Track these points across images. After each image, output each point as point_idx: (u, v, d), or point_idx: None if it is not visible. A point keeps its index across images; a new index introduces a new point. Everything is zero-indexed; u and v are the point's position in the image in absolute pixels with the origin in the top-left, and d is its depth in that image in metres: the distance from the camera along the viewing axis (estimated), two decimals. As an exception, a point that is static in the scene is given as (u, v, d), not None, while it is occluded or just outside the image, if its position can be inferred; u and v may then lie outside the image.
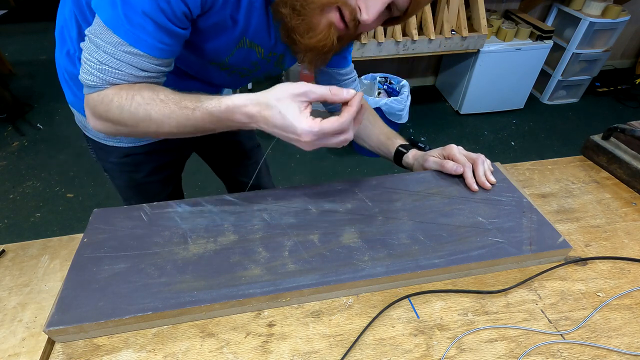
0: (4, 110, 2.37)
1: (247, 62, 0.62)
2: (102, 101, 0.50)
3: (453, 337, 0.47)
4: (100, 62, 0.48)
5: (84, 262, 0.52)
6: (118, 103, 0.50)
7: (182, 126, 0.51)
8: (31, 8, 3.94)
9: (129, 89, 0.50)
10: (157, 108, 0.50)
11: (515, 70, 2.33)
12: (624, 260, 0.57)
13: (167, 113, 0.50)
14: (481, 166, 0.64)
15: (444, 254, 0.54)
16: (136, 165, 0.79)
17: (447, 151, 0.68)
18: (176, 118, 0.50)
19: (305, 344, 0.47)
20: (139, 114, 0.50)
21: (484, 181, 0.64)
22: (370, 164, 2.15)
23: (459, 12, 2.04)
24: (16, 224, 1.75)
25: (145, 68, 0.50)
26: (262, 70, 0.66)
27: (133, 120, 0.51)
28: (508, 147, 2.30)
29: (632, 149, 0.72)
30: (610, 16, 2.22)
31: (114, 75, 0.49)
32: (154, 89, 0.51)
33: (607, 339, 0.47)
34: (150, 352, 0.46)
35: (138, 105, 0.49)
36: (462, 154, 0.67)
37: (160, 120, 0.50)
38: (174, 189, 0.92)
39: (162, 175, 0.85)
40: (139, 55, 0.48)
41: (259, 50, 0.60)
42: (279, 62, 0.66)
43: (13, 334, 0.48)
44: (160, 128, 0.51)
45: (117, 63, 0.48)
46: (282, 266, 0.52)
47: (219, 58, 0.59)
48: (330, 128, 0.47)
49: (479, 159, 0.65)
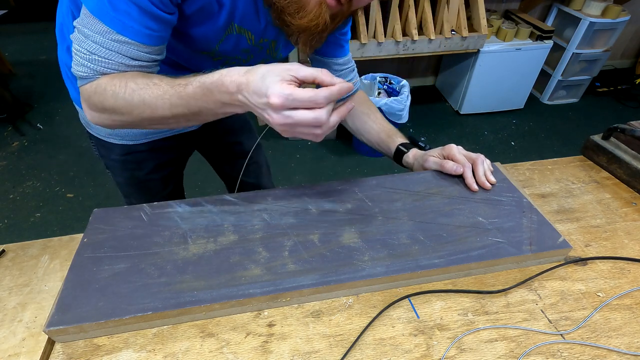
0: (4, 110, 2.37)
1: (238, 50, 0.60)
2: (96, 91, 0.50)
3: (453, 337, 0.47)
4: (90, 52, 0.48)
5: (84, 262, 0.52)
6: (112, 91, 0.49)
7: (174, 106, 0.49)
8: (31, 8, 3.94)
9: (121, 77, 0.49)
10: (151, 91, 0.49)
11: (515, 70, 2.33)
12: (624, 260, 0.57)
13: (160, 93, 0.49)
14: (481, 166, 0.64)
15: (444, 254, 0.54)
16: (138, 162, 0.80)
17: (446, 151, 0.68)
18: (169, 98, 0.49)
19: (305, 344, 0.47)
20: (134, 100, 0.49)
21: (484, 181, 0.64)
22: (370, 164, 2.15)
23: (459, 12, 2.04)
24: (16, 224, 1.75)
25: (135, 56, 0.49)
26: (256, 59, 0.65)
27: (128, 106, 0.50)
28: (508, 147, 2.30)
29: (632, 149, 0.72)
30: (610, 16, 2.22)
31: (105, 64, 0.49)
32: (148, 75, 0.50)
33: (607, 339, 0.47)
34: (150, 352, 0.46)
35: (132, 92, 0.49)
36: (461, 153, 0.67)
37: (153, 103, 0.49)
38: (174, 187, 0.92)
39: (164, 173, 0.86)
40: (127, 43, 0.48)
41: (249, 37, 0.58)
42: (272, 50, 0.64)
43: (13, 334, 0.48)
44: (154, 112, 0.50)
45: (107, 52, 0.48)
46: (282, 266, 0.52)
47: (209, 46, 0.57)
48: (302, 96, 0.43)
49: (478, 159, 0.65)
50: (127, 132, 0.75)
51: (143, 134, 0.76)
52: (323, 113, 0.45)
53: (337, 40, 0.72)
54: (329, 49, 0.72)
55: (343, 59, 0.75)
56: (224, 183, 1.11)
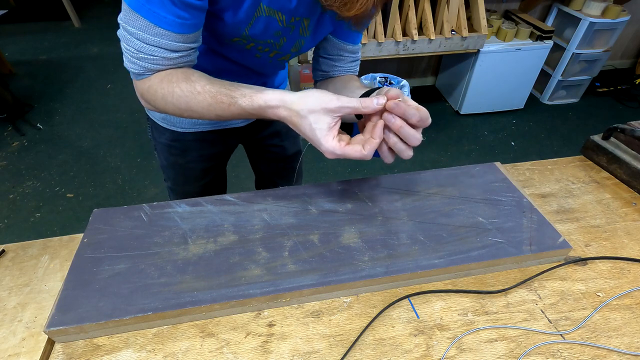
0: (4, 110, 2.37)
1: (269, 34, 0.60)
2: (148, 91, 0.55)
3: (453, 337, 0.47)
4: (137, 50, 0.51)
5: (84, 262, 0.52)
6: (162, 95, 0.54)
7: (221, 117, 0.55)
8: (31, 8, 3.94)
9: (169, 81, 0.53)
10: (196, 101, 0.53)
11: (515, 71, 2.33)
12: (624, 260, 0.57)
13: (206, 106, 0.53)
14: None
15: (444, 254, 0.54)
16: (183, 150, 0.84)
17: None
18: (214, 111, 0.54)
19: (305, 344, 0.47)
20: (181, 105, 0.54)
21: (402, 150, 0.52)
22: (370, 164, 2.14)
23: (459, 12, 2.04)
24: (16, 224, 1.75)
25: (173, 48, 0.51)
26: (289, 42, 0.64)
27: (177, 110, 0.55)
28: (508, 147, 2.30)
29: (632, 149, 0.72)
30: (610, 16, 2.22)
31: (151, 61, 0.52)
32: (190, 80, 0.53)
33: (607, 339, 0.47)
34: (150, 352, 0.46)
35: (179, 98, 0.53)
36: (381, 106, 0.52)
37: (200, 112, 0.55)
38: (213, 178, 0.94)
39: (204, 165, 0.89)
40: (165, 35, 0.50)
41: (280, 17, 0.58)
42: (304, 29, 0.63)
43: (13, 334, 0.48)
44: (202, 117, 0.55)
45: (150, 49, 0.50)
46: (282, 266, 0.52)
47: (238, 31, 0.57)
48: (352, 155, 0.50)
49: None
50: (178, 120, 0.79)
51: (192, 124, 0.80)
52: (369, 156, 0.51)
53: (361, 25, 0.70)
54: (345, 33, 0.71)
55: (354, 46, 0.74)
56: (255, 178, 1.13)
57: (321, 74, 0.76)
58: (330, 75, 0.75)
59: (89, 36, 3.50)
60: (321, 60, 0.74)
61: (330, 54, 0.72)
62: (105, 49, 3.29)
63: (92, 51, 3.26)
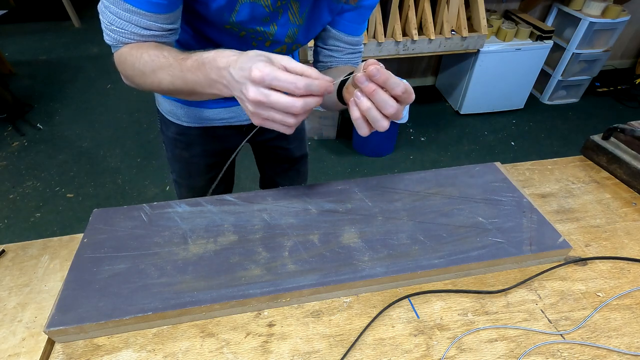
0: (4, 110, 2.37)
1: (257, 20, 0.58)
2: (119, 59, 0.56)
3: (453, 337, 0.47)
4: (110, 22, 0.52)
5: (84, 263, 0.52)
6: (130, 62, 0.54)
7: (175, 78, 0.51)
8: (31, 8, 3.94)
9: (139, 48, 0.53)
10: (159, 62, 0.52)
11: (515, 70, 2.33)
12: (624, 260, 0.57)
13: (166, 65, 0.52)
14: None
15: (444, 254, 0.54)
16: (187, 144, 0.86)
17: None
18: (172, 70, 0.51)
19: (305, 344, 0.47)
20: (146, 70, 0.53)
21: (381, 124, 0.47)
22: (370, 164, 2.15)
23: (459, 12, 2.04)
24: (16, 224, 1.75)
25: (144, 25, 0.52)
26: (281, 30, 0.62)
27: (142, 76, 0.54)
28: (508, 147, 2.30)
29: (632, 149, 0.72)
30: (610, 16, 2.22)
31: (122, 35, 0.53)
32: (161, 48, 0.53)
33: (607, 339, 0.47)
34: (150, 352, 0.46)
35: (145, 63, 0.53)
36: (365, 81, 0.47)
37: (160, 74, 0.53)
38: (218, 174, 0.93)
39: (208, 160, 0.90)
40: (136, 12, 0.50)
41: (265, 3, 0.56)
42: (294, 15, 0.61)
43: (13, 334, 0.48)
44: (161, 82, 0.53)
45: (122, 23, 0.51)
46: (282, 266, 0.52)
47: (224, 17, 0.56)
48: (283, 76, 0.41)
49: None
50: (183, 114, 0.80)
51: (197, 118, 0.80)
52: (299, 102, 0.42)
53: (355, 19, 0.69)
54: (346, 25, 0.70)
55: (355, 38, 0.72)
56: (260, 177, 1.13)
57: (320, 64, 0.76)
58: (329, 66, 0.75)
59: (89, 36, 3.51)
60: (319, 50, 0.74)
61: (328, 45, 0.72)
62: (105, 49, 3.28)
63: (92, 51, 3.27)
